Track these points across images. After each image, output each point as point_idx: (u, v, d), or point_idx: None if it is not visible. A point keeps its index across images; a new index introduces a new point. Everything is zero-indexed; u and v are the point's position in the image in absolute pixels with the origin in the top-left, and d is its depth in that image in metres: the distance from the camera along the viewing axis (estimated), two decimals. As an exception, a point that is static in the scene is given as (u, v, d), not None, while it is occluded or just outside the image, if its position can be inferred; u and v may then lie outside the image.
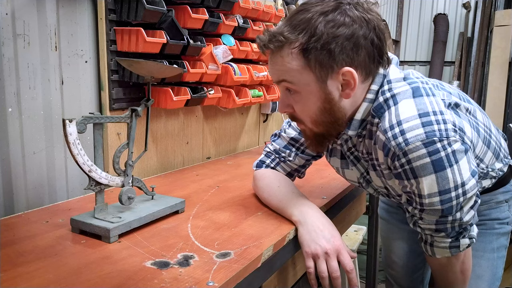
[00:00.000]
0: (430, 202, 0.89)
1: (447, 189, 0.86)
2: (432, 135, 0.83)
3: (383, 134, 0.88)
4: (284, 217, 1.06)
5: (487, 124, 1.04)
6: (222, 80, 1.66)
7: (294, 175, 1.23)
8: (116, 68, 1.34)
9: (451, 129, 0.85)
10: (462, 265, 1.03)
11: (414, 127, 0.84)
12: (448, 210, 0.90)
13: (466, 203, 0.90)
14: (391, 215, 1.41)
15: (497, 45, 4.11)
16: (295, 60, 0.88)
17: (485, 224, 1.14)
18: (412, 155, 0.85)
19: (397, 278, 1.46)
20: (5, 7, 1.07)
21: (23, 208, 1.15)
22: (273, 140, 1.23)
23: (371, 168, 1.02)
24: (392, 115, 0.88)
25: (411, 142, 0.84)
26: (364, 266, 2.28)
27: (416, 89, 0.90)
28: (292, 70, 0.89)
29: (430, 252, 1.02)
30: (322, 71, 0.87)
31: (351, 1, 0.88)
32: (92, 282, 0.73)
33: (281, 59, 0.89)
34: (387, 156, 0.89)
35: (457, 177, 0.86)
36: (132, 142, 0.99)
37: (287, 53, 0.88)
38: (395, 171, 0.90)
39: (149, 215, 0.99)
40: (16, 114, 1.12)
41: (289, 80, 0.91)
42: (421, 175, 0.86)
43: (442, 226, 0.94)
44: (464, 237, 0.97)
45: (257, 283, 0.89)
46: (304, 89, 0.90)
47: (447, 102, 0.91)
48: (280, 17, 1.96)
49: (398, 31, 5.40)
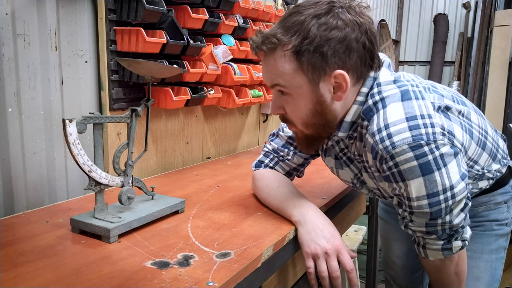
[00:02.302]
0: (418, 205, 0.90)
1: (435, 192, 0.87)
2: (419, 138, 0.84)
3: (371, 137, 0.89)
4: (284, 217, 1.06)
5: (482, 126, 1.04)
6: (222, 80, 1.66)
7: (293, 174, 1.23)
8: (116, 68, 1.34)
9: (439, 132, 0.85)
10: (457, 267, 1.03)
11: (401, 130, 0.85)
12: (437, 213, 0.90)
13: (455, 206, 0.90)
14: (390, 215, 1.41)
15: (497, 45, 4.11)
16: (288, 63, 0.88)
17: (484, 225, 1.14)
18: (399, 159, 0.85)
19: (396, 279, 1.46)
20: (5, 7, 1.07)
21: (23, 208, 1.15)
22: (272, 140, 1.23)
23: (363, 169, 1.02)
24: (380, 118, 0.88)
25: (397, 145, 0.84)
26: (364, 266, 2.28)
27: (405, 92, 0.90)
28: (284, 73, 0.89)
29: (423, 254, 1.02)
30: (314, 74, 0.88)
31: (344, 5, 0.88)
32: (92, 282, 0.73)
33: (273, 61, 0.90)
34: (376, 159, 0.90)
35: (445, 180, 0.86)
36: (132, 142, 0.99)
37: (279, 55, 0.89)
38: (383, 174, 0.91)
39: (149, 215, 0.99)
40: (16, 114, 1.12)
41: (281, 83, 0.92)
42: (409, 178, 0.87)
43: (432, 228, 0.94)
44: (457, 239, 0.97)
45: (257, 283, 0.89)
46: (296, 91, 0.91)
47: (436, 105, 0.91)
48: (279, 17, 1.96)
49: (398, 31, 5.40)
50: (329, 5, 0.88)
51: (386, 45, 3.35)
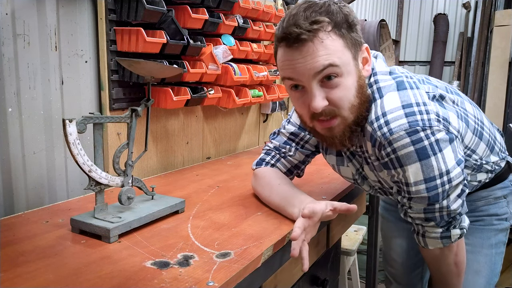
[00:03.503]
0: (416, 190, 0.93)
1: (432, 176, 0.90)
2: (415, 124, 0.87)
3: (370, 126, 0.93)
4: (284, 217, 1.06)
5: (478, 117, 1.07)
6: (222, 80, 1.66)
7: (294, 172, 1.23)
8: (116, 68, 1.34)
9: (434, 119, 0.89)
10: (456, 257, 1.05)
11: (397, 117, 0.89)
12: (434, 198, 0.93)
13: (452, 191, 0.93)
14: (391, 213, 1.42)
15: (497, 45, 4.12)
16: (336, 41, 0.89)
17: (483, 220, 1.15)
18: (396, 144, 0.89)
19: (396, 276, 1.46)
20: (5, 7, 1.07)
21: (23, 208, 1.15)
22: (273, 138, 1.24)
23: (364, 162, 1.05)
24: (378, 107, 0.92)
25: (395, 131, 0.88)
26: (364, 266, 2.28)
27: (400, 83, 0.95)
28: (336, 51, 0.89)
29: (423, 243, 1.04)
30: (355, 49, 0.92)
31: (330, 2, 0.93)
32: (92, 282, 0.73)
33: (322, 44, 0.87)
34: (375, 147, 0.94)
35: (441, 165, 0.89)
36: (132, 142, 0.99)
37: (325, 36, 0.88)
38: (382, 161, 0.94)
39: (149, 215, 0.99)
40: (16, 114, 1.12)
41: (336, 62, 0.88)
42: (406, 164, 0.90)
43: (431, 214, 0.97)
44: (455, 227, 1.00)
45: (257, 283, 0.89)
46: (346, 69, 0.91)
47: (431, 94, 0.96)
48: (280, 17, 1.96)
49: (398, 31, 5.40)
50: None
51: (386, 45, 3.36)
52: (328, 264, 1.39)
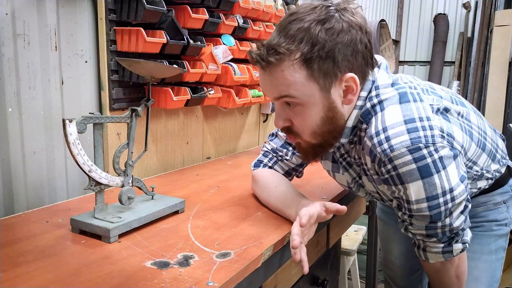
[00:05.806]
0: (418, 208, 0.89)
1: (434, 195, 0.86)
2: (418, 141, 0.83)
3: (369, 140, 0.88)
4: (284, 217, 1.06)
5: (481, 127, 1.03)
6: (222, 80, 1.66)
7: (292, 174, 1.23)
8: (116, 68, 1.34)
9: (438, 135, 0.85)
10: (457, 269, 1.02)
11: (399, 133, 0.84)
12: (436, 216, 0.89)
13: (455, 208, 0.90)
14: (389, 216, 1.41)
15: (497, 45, 4.11)
16: (298, 72, 0.85)
17: (483, 225, 1.13)
18: (397, 161, 0.85)
19: (395, 279, 1.46)
20: (5, 7, 1.07)
21: (23, 208, 1.15)
22: (271, 140, 1.23)
23: (362, 173, 1.02)
24: (378, 121, 0.88)
25: (396, 148, 0.84)
26: (364, 266, 2.28)
27: (403, 95, 0.90)
28: (295, 83, 0.86)
29: (424, 257, 1.02)
30: (326, 80, 0.86)
31: (338, 7, 0.87)
32: (92, 282, 0.73)
33: (281, 73, 0.86)
34: (374, 162, 0.89)
35: (444, 183, 0.85)
36: (132, 142, 0.99)
37: (287, 65, 0.85)
38: (382, 177, 0.90)
39: (149, 215, 0.99)
40: (16, 114, 1.12)
41: (292, 94, 0.87)
42: (408, 181, 0.86)
43: (432, 231, 0.94)
44: (457, 242, 0.97)
45: (257, 283, 0.89)
46: (308, 100, 0.88)
47: (435, 107, 0.91)
48: (280, 17, 1.96)
49: (398, 31, 5.40)
50: (327, 9, 0.86)
51: (386, 45, 3.35)
52: (328, 264, 1.39)
